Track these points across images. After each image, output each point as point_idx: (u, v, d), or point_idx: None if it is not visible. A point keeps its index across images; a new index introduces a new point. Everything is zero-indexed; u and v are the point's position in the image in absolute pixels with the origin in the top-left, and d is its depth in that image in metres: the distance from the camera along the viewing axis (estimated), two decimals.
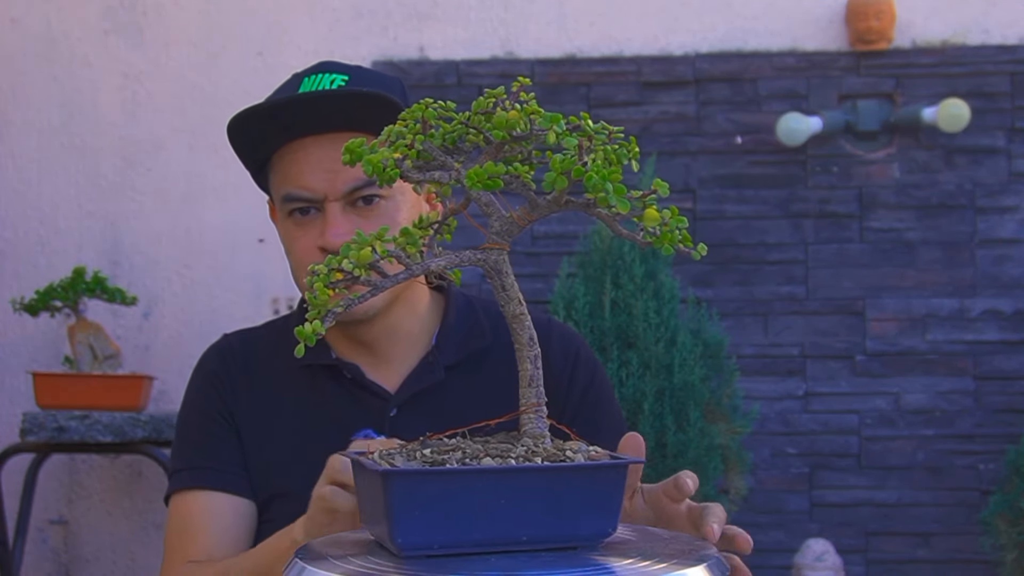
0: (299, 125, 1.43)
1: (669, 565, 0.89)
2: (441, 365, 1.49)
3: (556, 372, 1.52)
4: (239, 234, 3.13)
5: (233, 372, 1.54)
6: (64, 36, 3.20)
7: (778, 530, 3.04)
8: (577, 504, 0.91)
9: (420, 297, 1.53)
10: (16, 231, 3.20)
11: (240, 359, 1.55)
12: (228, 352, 1.57)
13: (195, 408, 1.54)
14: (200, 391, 1.55)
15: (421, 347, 1.52)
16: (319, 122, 1.41)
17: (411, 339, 1.51)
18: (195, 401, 1.55)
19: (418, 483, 0.89)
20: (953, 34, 3.09)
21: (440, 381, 1.48)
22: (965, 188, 3.06)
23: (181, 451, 1.53)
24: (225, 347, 1.58)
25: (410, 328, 1.51)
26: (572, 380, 1.52)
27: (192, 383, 1.57)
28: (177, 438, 1.55)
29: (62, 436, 2.71)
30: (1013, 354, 3.03)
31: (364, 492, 0.97)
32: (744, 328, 3.07)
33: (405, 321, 1.50)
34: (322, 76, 1.45)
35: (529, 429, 0.98)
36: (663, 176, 3.04)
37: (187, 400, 1.56)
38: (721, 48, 3.12)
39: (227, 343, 1.59)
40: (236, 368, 1.54)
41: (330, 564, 0.92)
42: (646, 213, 0.91)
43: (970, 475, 3.03)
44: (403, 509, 0.88)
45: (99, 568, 3.15)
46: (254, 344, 1.57)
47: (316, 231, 1.44)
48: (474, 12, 3.17)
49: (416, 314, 1.52)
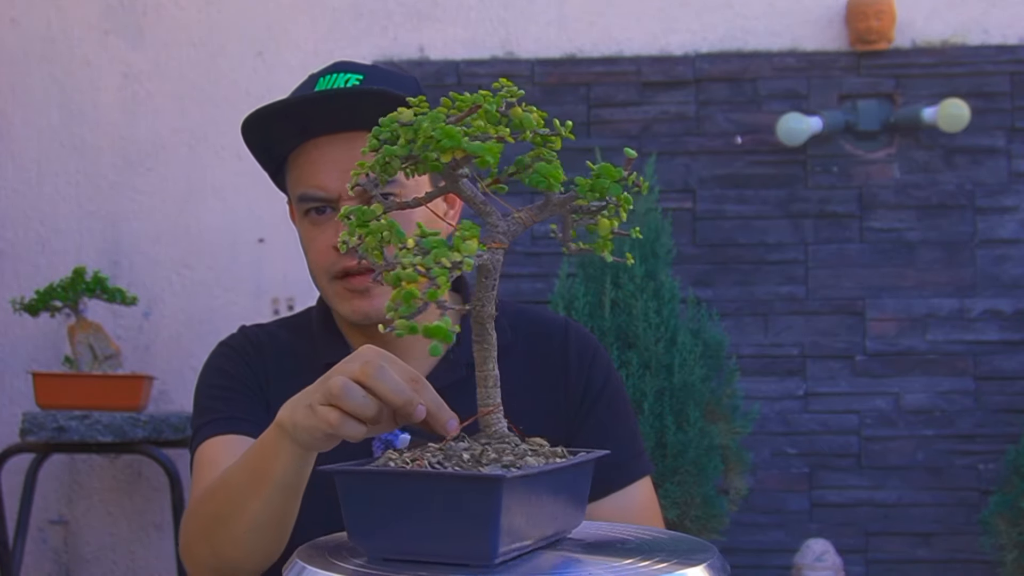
0: (314, 124, 1.43)
1: (669, 565, 0.90)
2: (462, 363, 1.49)
3: (574, 373, 1.52)
4: (239, 234, 3.13)
5: (263, 355, 1.52)
6: (64, 36, 3.20)
7: (778, 530, 3.04)
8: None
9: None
10: (16, 231, 3.20)
11: (268, 348, 1.53)
12: (256, 337, 1.55)
13: (219, 372, 1.50)
14: (225, 361, 1.52)
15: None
16: (333, 121, 1.42)
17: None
18: (220, 368, 1.51)
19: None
20: (953, 34, 3.09)
21: (461, 378, 1.48)
22: (965, 188, 3.06)
23: (202, 409, 1.48)
24: (252, 334, 1.56)
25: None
26: (589, 381, 1.52)
27: (215, 357, 1.53)
28: (197, 400, 1.51)
29: (62, 436, 2.70)
30: (1013, 354, 3.03)
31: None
32: (744, 328, 3.07)
33: (425, 318, 1.49)
34: (337, 76, 1.45)
35: (498, 429, 0.98)
36: (663, 176, 3.04)
37: (208, 370, 1.53)
38: (721, 48, 3.12)
39: (253, 331, 1.57)
40: (266, 355, 1.52)
41: (330, 564, 0.92)
42: (600, 221, 0.93)
43: (970, 475, 3.03)
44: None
45: (99, 568, 3.15)
46: (277, 338, 1.56)
47: (331, 230, 1.44)
48: (474, 12, 3.17)
49: (435, 312, 1.52)
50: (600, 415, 1.52)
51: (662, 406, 2.60)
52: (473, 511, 0.84)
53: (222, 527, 1.26)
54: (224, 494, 1.27)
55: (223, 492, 1.27)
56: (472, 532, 0.84)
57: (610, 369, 1.56)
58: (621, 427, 1.53)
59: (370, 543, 0.91)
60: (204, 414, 1.48)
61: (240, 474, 1.25)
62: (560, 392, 1.52)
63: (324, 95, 1.42)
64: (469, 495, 0.85)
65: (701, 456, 2.59)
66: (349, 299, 1.45)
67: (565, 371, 1.53)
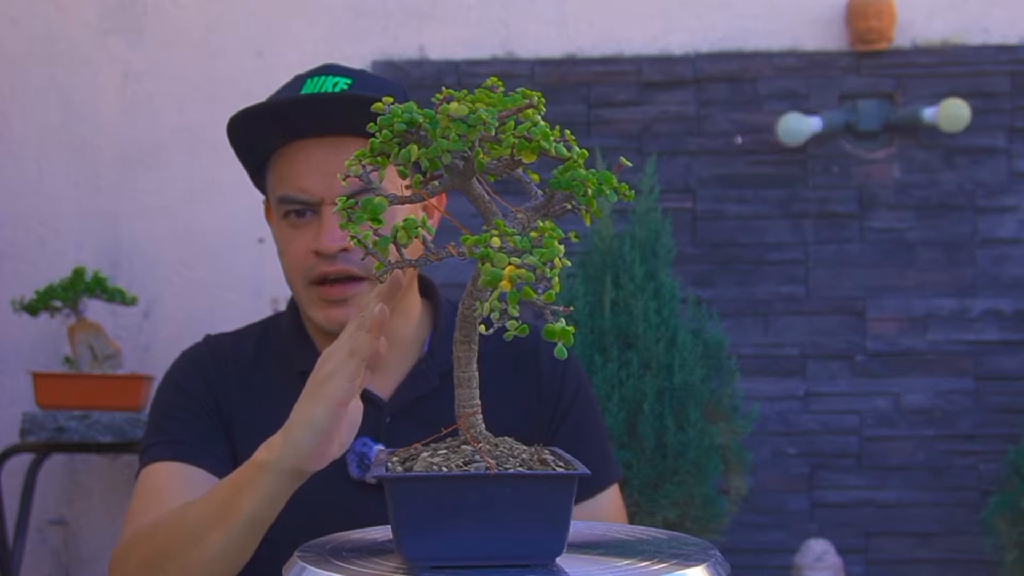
0: (299, 126, 1.42)
1: (669, 565, 0.89)
2: (435, 372, 1.48)
3: (547, 380, 1.52)
4: (239, 234, 3.13)
5: (225, 369, 1.51)
6: (64, 36, 3.20)
7: (778, 530, 3.04)
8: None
9: (413, 304, 1.52)
10: (16, 231, 3.19)
11: (232, 359, 1.52)
12: (219, 350, 1.54)
13: (177, 390, 1.50)
14: (184, 377, 1.51)
15: (414, 354, 1.51)
16: (319, 125, 1.41)
17: (404, 346, 1.50)
18: (178, 385, 1.50)
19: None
20: (953, 34, 3.09)
21: (435, 388, 1.47)
22: (965, 188, 3.06)
23: (155, 427, 1.47)
24: (215, 345, 1.55)
25: (404, 335, 1.50)
26: (563, 387, 1.52)
27: (175, 370, 1.53)
28: (152, 416, 1.50)
29: (62, 436, 2.70)
30: (1013, 354, 3.03)
31: None
32: (744, 328, 3.07)
33: (399, 328, 1.48)
34: (325, 79, 1.45)
35: (480, 431, 0.98)
36: (663, 176, 3.04)
37: (167, 384, 1.52)
38: (721, 48, 3.12)
39: (216, 342, 1.56)
40: (228, 367, 1.51)
41: (330, 565, 0.92)
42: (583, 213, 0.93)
43: (970, 475, 3.02)
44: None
45: (99, 568, 3.15)
46: (245, 346, 1.55)
47: (311, 234, 1.43)
48: (474, 12, 3.17)
49: (409, 321, 1.51)
50: (574, 421, 1.51)
51: (662, 406, 2.60)
52: (548, 509, 0.86)
53: (171, 562, 1.24)
54: (180, 529, 1.24)
55: (179, 527, 1.24)
56: (544, 530, 0.86)
57: (582, 375, 1.56)
58: (593, 433, 1.53)
59: (423, 551, 0.89)
60: (156, 433, 1.46)
61: (202, 508, 1.23)
62: (532, 398, 1.51)
63: (312, 98, 1.41)
64: (545, 493, 0.86)
65: (701, 456, 2.59)
66: (324, 308, 1.44)
67: (537, 377, 1.52)
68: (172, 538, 1.24)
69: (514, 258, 0.84)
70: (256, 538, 1.21)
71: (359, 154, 0.93)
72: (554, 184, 0.92)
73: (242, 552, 1.22)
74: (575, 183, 0.90)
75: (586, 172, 0.91)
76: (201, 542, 1.21)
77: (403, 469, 0.92)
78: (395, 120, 0.89)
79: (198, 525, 1.22)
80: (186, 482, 1.39)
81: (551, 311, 0.84)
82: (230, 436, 1.46)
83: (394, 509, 0.89)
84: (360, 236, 0.91)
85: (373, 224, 0.90)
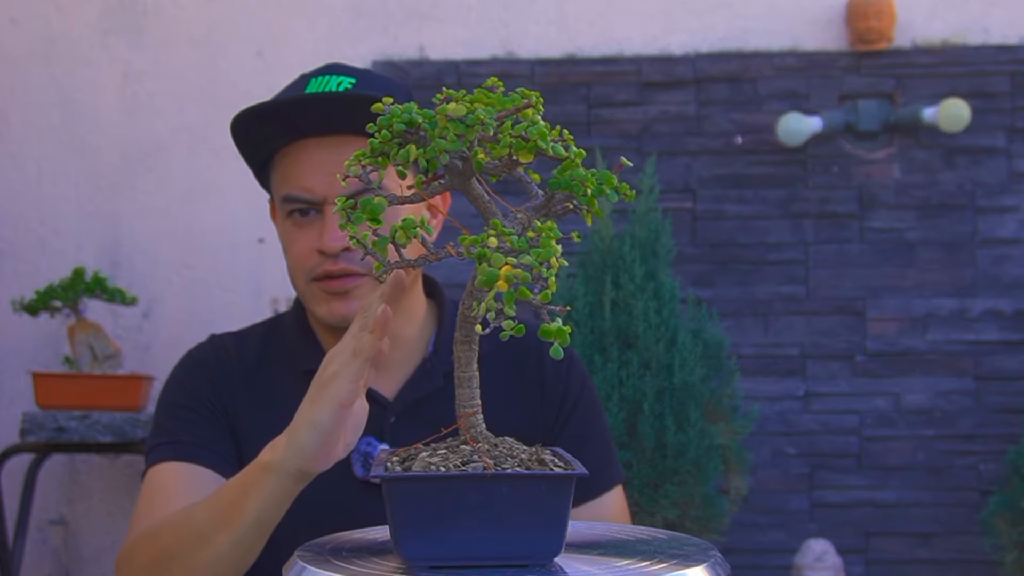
0: (303, 125, 1.42)
1: (669, 565, 0.89)
2: (439, 372, 1.48)
3: (551, 381, 1.52)
4: (239, 234, 3.13)
5: (229, 370, 1.51)
6: (64, 36, 3.20)
7: (778, 530, 3.04)
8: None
9: (417, 304, 1.53)
10: (16, 231, 3.19)
11: (237, 359, 1.52)
12: (223, 350, 1.54)
13: (182, 390, 1.49)
14: (188, 378, 1.51)
15: (418, 354, 1.51)
16: (323, 124, 1.41)
17: (408, 346, 1.50)
18: (183, 385, 1.50)
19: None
20: (953, 34, 3.09)
21: (439, 388, 1.47)
22: (965, 188, 3.06)
23: (160, 427, 1.47)
24: (220, 345, 1.55)
25: (408, 335, 1.50)
26: (567, 389, 1.52)
27: (179, 371, 1.53)
28: (157, 416, 1.50)
29: (62, 436, 2.70)
30: (1013, 354, 3.03)
31: None
32: (744, 328, 3.07)
33: (403, 328, 1.49)
34: (330, 78, 1.45)
35: (481, 431, 0.98)
36: (663, 176, 3.04)
37: (171, 385, 1.52)
38: (721, 48, 3.12)
39: (220, 342, 1.56)
40: (233, 366, 1.51)
41: (330, 565, 0.92)
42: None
43: (970, 475, 3.02)
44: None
45: (99, 568, 3.15)
46: (249, 346, 1.55)
47: (315, 233, 1.43)
48: (474, 12, 3.17)
49: (413, 321, 1.51)
50: (578, 423, 1.51)
51: (662, 406, 2.60)
52: (547, 509, 0.86)
53: (177, 563, 1.24)
54: (187, 530, 1.24)
55: (185, 528, 1.25)
56: (542, 530, 0.87)
57: (585, 376, 1.56)
58: (597, 435, 1.53)
59: (421, 551, 0.89)
60: (161, 434, 1.46)
61: (208, 509, 1.23)
62: (536, 399, 1.51)
63: (316, 97, 1.42)
64: (544, 493, 0.87)
65: (701, 456, 2.59)
66: (327, 301, 1.44)
67: (541, 379, 1.52)
68: (178, 539, 1.25)
69: (511, 258, 0.83)
70: (262, 539, 1.21)
71: (359, 154, 0.93)
72: (554, 184, 0.92)
73: (248, 553, 1.22)
74: (575, 183, 0.90)
75: (586, 172, 0.91)
76: (207, 543, 1.21)
77: (402, 469, 0.92)
78: (394, 120, 0.89)
79: (204, 526, 1.22)
80: (192, 482, 1.39)
81: (548, 311, 0.84)
82: (235, 436, 1.46)
83: (392, 509, 0.89)
84: (359, 236, 0.91)
85: (372, 224, 0.90)
